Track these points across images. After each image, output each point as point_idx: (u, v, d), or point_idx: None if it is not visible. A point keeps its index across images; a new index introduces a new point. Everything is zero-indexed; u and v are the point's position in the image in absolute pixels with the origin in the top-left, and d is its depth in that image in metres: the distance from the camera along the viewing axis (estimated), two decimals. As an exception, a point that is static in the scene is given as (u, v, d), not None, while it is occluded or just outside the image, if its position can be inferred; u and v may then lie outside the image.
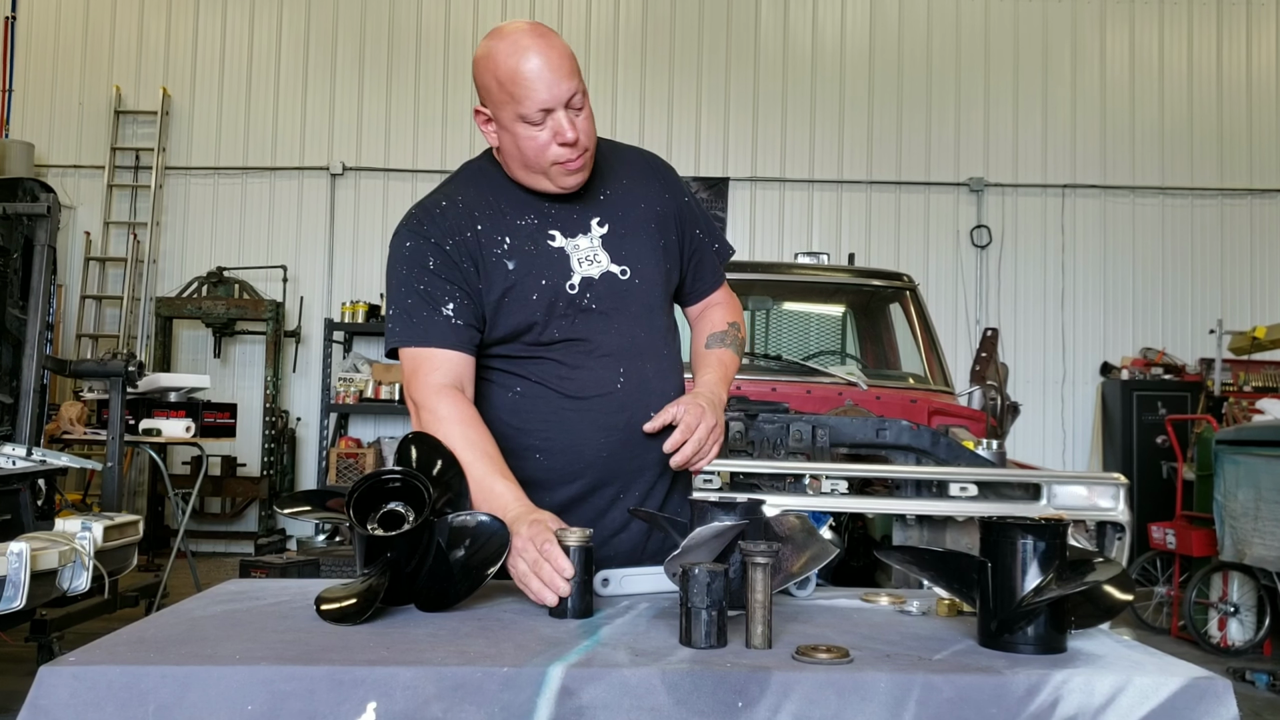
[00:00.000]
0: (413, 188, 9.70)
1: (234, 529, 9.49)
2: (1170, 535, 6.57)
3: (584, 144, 1.86)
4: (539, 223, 1.94)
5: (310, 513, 1.73)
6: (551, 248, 1.93)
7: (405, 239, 1.93)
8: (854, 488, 3.73)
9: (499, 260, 1.90)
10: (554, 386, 1.93)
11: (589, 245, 1.95)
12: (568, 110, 1.81)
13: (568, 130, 1.81)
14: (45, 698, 1.16)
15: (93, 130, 9.83)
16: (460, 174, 2.03)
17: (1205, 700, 1.23)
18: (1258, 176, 9.88)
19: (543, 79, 1.78)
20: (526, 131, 1.83)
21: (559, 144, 1.82)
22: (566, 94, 1.80)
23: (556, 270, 1.91)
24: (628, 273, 1.96)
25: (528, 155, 1.86)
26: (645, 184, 2.06)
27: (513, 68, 1.78)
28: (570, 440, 1.93)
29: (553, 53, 1.79)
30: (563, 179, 1.89)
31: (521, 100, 1.79)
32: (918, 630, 1.51)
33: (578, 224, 1.96)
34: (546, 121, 1.81)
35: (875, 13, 9.93)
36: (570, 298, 1.91)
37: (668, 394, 1.97)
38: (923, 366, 5.38)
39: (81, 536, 4.11)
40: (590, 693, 1.20)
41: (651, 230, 2.02)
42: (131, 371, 5.44)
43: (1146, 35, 9.97)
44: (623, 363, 1.95)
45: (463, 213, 1.93)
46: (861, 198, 9.79)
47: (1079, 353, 9.74)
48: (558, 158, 1.84)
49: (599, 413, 1.93)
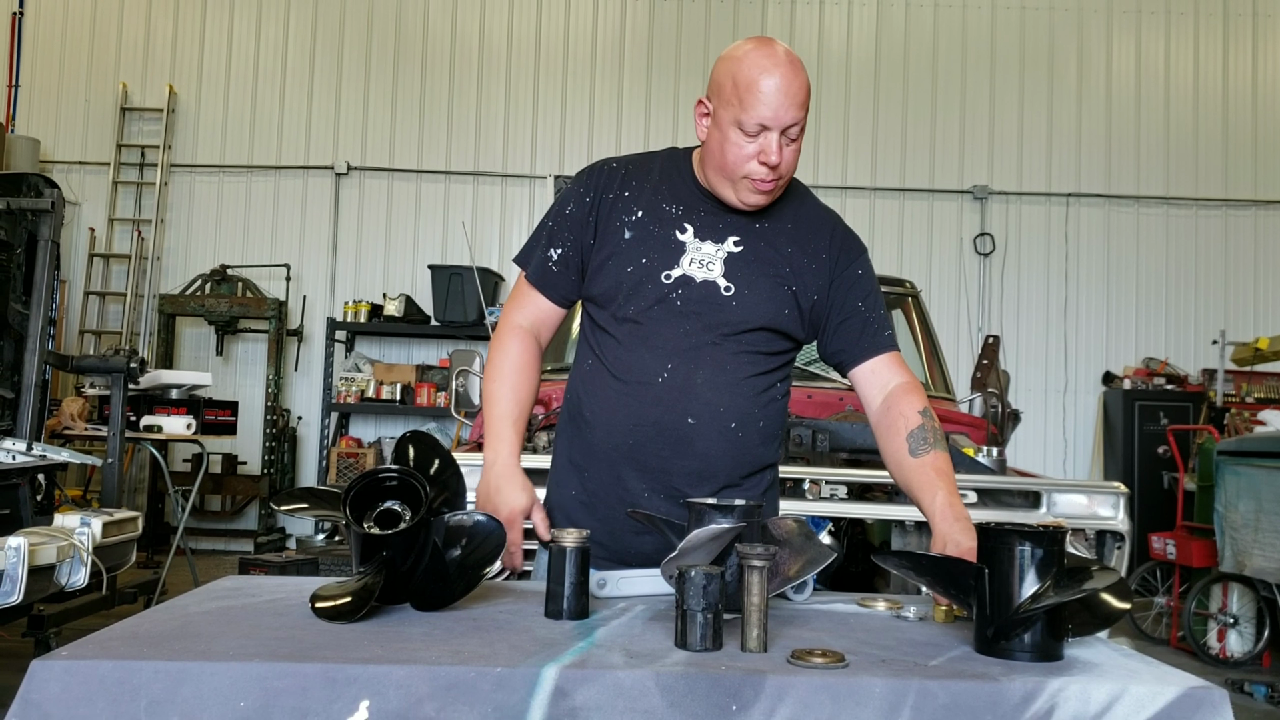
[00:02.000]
0: (417, 188, 9.73)
1: (233, 527, 9.49)
2: (1170, 546, 6.56)
3: (783, 171, 1.92)
4: (681, 214, 2.02)
5: (307, 510, 1.73)
6: (675, 238, 2.00)
7: (574, 179, 2.11)
8: (853, 493, 3.72)
9: (620, 226, 2.01)
10: (609, 364, 2.01)
11: (711, 252, 1.99)
12: (782, 136, 1.88)
13: (774, 153, 1.87)
14: (37, 691, 1.16)
15: (98, 127, 9.84)
16: (656, 151, 2.15)
17: (1202, 710, 1.23)
18: (1262, 188, 9.87)
19: (775, 99, 1.85)
20: (737, 138, 1.89)
21: (760, 162, 1.89)
22: (788, 121, 1.87)
23: (664, 257, 1.98)
24: (732, 290, 1.97)
25: (727, 160, 1.92)
26: (810, 236, 2.06)
27: (753, 78, 1.86)
28: (607, 420, 1.99)
29: (794, 81, 1.87)
30: (748, 195, 1.95)
31: (748, 109, 1.86)
32: (914, 636, 1.50)
33: (716, 232, 2.01)
34: (759, 137, 1.88)
35: (881, 20, 9.93)
36: (661, 285, 1.97)
37: (714, 404, 1.96)
38: (924, 373, 5.37)
39: (80, 532, 4.11)
40: (584, 694, 1.19)
41: (785, 272, 2.01)
42: (133, 368, 5.44)
43: (1153, 46, 9.96)
44: (673, 360, 1.96)
45: (621, 177, 2.06)
46: (865, 204, 9.78)
47: (1081, 361, 9.73)
48: (753, 174, 1.91)
49: (635, 400, 1.96)
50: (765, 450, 2.06)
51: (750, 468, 2.03)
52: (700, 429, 1.95)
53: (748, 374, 2.00)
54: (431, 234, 9.70)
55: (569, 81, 9.80)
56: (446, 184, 9.75)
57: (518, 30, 9.83)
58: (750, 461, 2.03)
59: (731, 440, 1.98)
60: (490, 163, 9.74)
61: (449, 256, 9.49)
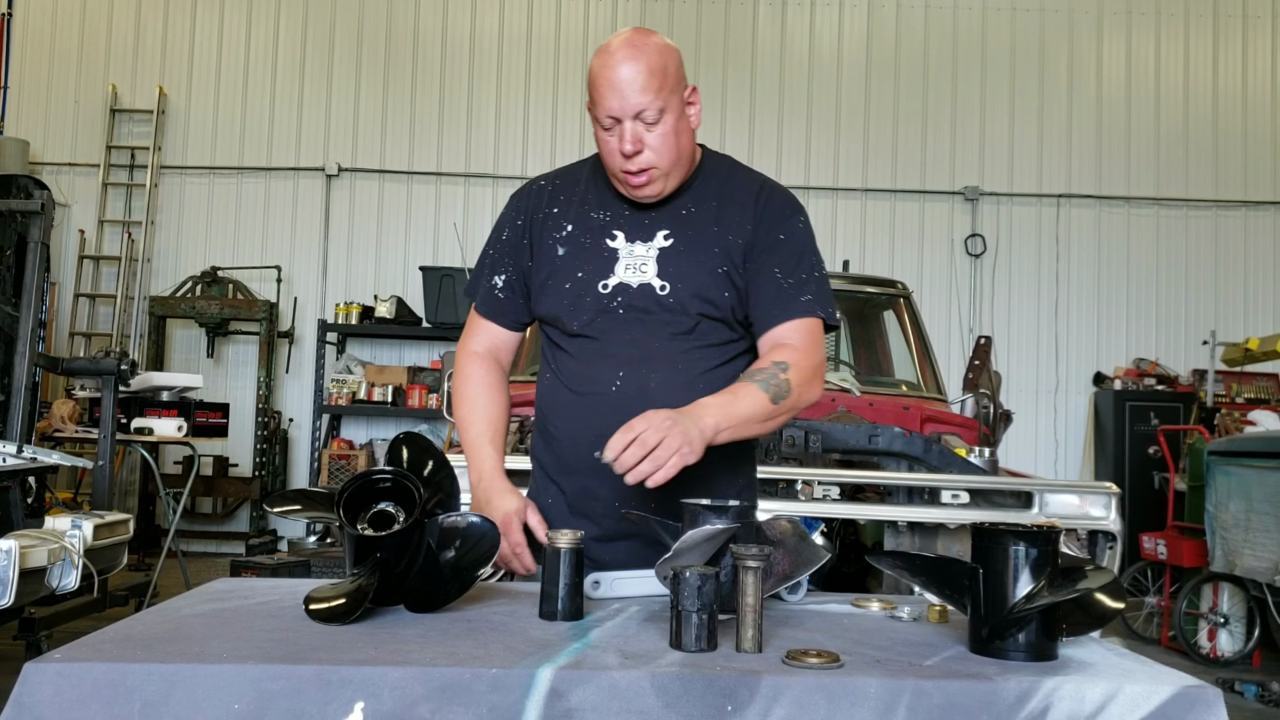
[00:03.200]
0: (408, 189, 9.71)
1: (225, 529, 9.46)
2: (1161, 546, 6.58)
3: (650, 159, 1.90)
4: (609, 221, 2.01)
5: (299, 511, 1.73)
6: (606, 246, 1.99)
7: (507, 204, 2.14)
8: (846, 494, 3.73)
9: (553, 245, 2.02)
10: (565, 378, 2.02)
11: (643, 253, 1.98)
12: (636, 122, 1.87)
13: (626, 143, 1.87)
14: (30, 695, 1.15)
15: (88, 128, 9.80)
16: (582, 161, 2.15)
17: (1196, 709, 1.23)
18: (1252, 189, 9.91)
19: (615, 89, 1.86)
20: (602, 135, 1.93)
21: (620, 153, 1.89)
22: (635, 108, 1.86)
23: (597, 268, 1.98)
24: (667, 288, 1.96)
25: (603, 155, 1.97)
26: (734, 211, 2.01)
27: (595, 73, 1.89)
28: (571, 433, 2.00)
29: (635, 65, 1.85)
30: (631, 190, 1.96)
31: (597, 104, 1.90)
32: (908, 636, 1.50)
33: (644, 231, 2.00)
34: (615, 129, 1.90)
35: (872, 22, 9.95)
36: (600, 296, 1.97)
37: (670, 406, 1.85)
38: (916, 374, 5.38)
39: (71, 535, 4.09)
40: (579, 695, 1.19)
41: (714, 254, 1.97)
42: (124, 370, 5.42)
43: (1143, 47, 9.99)
44: (624, 368, 1.96)
45: (549, 194, 2.07)
46: (856, 205, 9.80)
47: (1072, 362, 9.75)
48: (622, 166, 1.92)
49: (592, 411, 1.95)
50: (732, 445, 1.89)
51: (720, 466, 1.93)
52: None
53: (702, 370, 1.98)
54: (423, 235, 9.69)
55: (560, 82, 9.79)
56: (438, 185, 9.74)
57: (509, 31, 9.82)
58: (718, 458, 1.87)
59: None
60: (482, 164, 9.73)
61: (440, 258, 9.48)
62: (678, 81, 1.93)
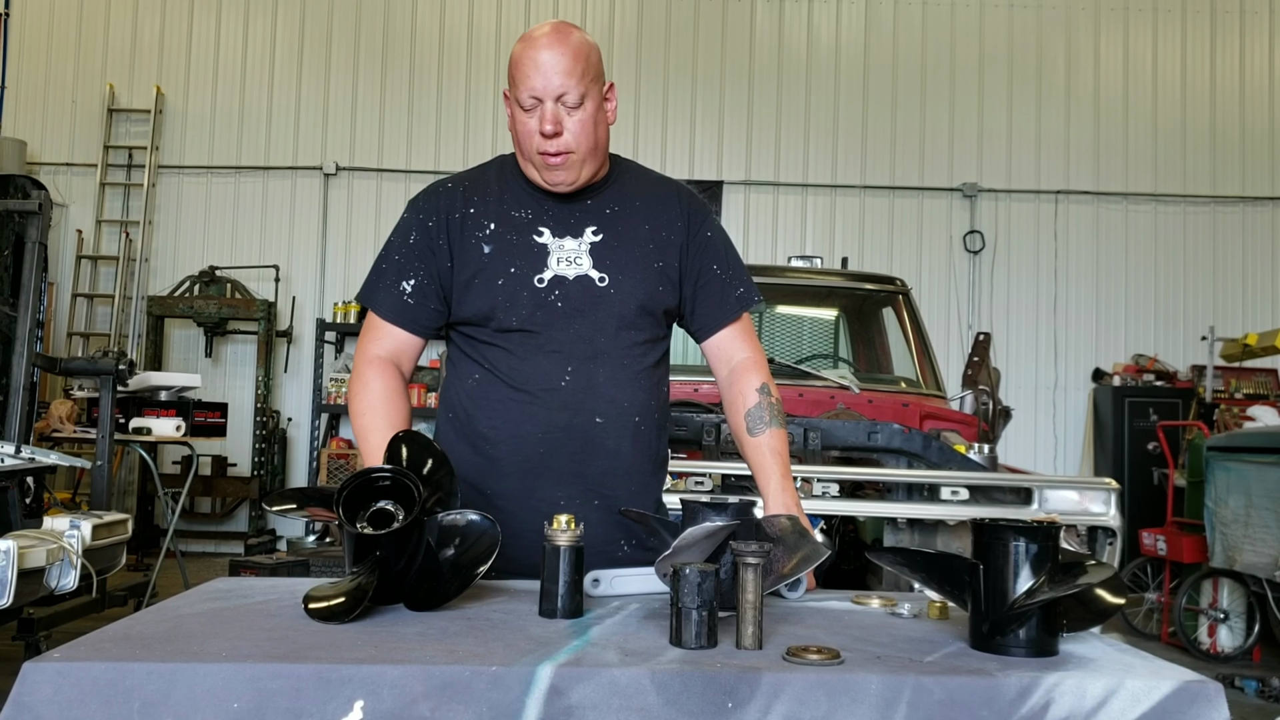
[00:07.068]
0: (406, 188, 9.70)
1: (224, 529, 9.46)
2: (1161, 541, 6.58)
3: (569, 143, 1.92)
4: (532, 218, 2.01)
5: (298, 510, 1.72)
6: (534, 242, 1.99)
7: (407, 209, 2.09)
8: (845, 491, 3.73)
9: (477, 243, 1.99)
10: (503, 376, 1.99)
11: (575, 247, 1.99)
12: (558, 105, 1.90)
13: (547, 123, 1.89)
14: (29, 694, 1.15)
15: (85, 128, 9.80)
16: (486, 163, 2.16)
17: (1197, 704, 1.23)
18: (1250, 184, 9.91)
19: (539, 69, 1.89)
20: (521, 116, 1.94)
21: (540, 133, 1.90)
22: (557, 90, 1.89)
23: (530, 263, 1.98)
24: (606, 280, 1.98)
25: (520, 139, 1.97)
26: (660, 209, 2.08)
27: (520, 53, 1.91)
28: (513, 432, 1.98)
29: (559, 49, 1.89)
30: (546, 172, 1.96)
31: (518, 84, 1.92)
32: (909, 632, 1.50)
33: (571, 227, 2.01)
34: (536, 110, 1.91)
35: (870, 18, 9.95)
36: (536, 290, 1.96)
37: (618, 401, 1.98)
38: (915, 371, 5.38)
39: (70, 535, 4.09)
40: (579, 692, 1.19)
41: (649, 250, 2.03)
42: (122, 370, 5.41)
43: (1140, 43, 10.00)
44: (572, 362, 1.97)
45: (460, 195, 2.05)
46: (855, 202, 9.80)
47: (1071, 358, 9.76)
48: (540, 147, 1.92)
49: (541, 408, 1.96)
50: (661, 442, 2.10)
51: (654, 460, 2.07)
52: (608, 427, 1.98)
53: (641, 365, 2.03)
54: (421, 234, 9.67)
55: (558, 81, 9.77)
56: (436, 184, 9.72)
57: (506, 30, 9.81)
58: (652, 453, 2.07)
59: (637, 434, 2.01)
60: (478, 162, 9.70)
61: (439, 257, 9.46)
62: (599, 73, 1.97)
